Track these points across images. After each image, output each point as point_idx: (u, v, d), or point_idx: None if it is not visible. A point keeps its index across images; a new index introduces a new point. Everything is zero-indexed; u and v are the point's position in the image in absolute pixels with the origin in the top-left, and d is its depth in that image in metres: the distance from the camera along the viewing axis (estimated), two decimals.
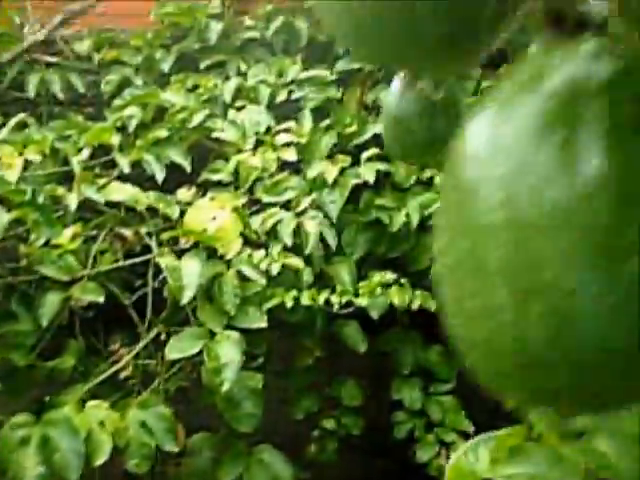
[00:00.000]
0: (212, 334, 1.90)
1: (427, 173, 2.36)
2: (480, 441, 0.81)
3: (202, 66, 2.49)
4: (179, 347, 1.86)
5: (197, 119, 2.25)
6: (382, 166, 2.32)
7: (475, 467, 0.71)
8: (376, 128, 2.36)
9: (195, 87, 2.41)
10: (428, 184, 2.36)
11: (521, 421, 0.76)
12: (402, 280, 2.24)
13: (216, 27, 2.52)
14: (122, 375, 1.90)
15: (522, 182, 0.25)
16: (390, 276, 2.22)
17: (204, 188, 2.23)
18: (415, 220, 2.27)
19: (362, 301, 2.14)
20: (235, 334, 1.89)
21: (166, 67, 2.50)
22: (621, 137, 0.24)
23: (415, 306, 2.19)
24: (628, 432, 0.65)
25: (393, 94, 0.68)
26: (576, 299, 0.23)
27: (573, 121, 0.25)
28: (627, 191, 0.23)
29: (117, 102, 2.38)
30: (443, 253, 0.28)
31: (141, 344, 1.95)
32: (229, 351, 1.83)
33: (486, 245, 0.25)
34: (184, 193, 2.16)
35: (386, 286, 2.21)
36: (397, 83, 0.68)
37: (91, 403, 1.74)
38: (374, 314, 2.18)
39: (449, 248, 0.27)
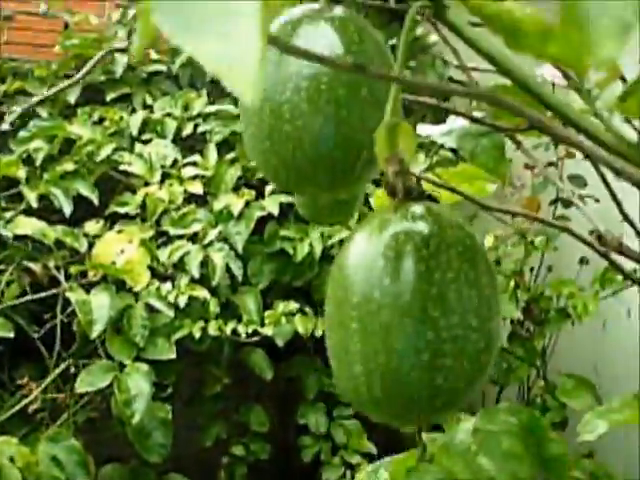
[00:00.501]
0: (122, 366, 1.93)
1: None
2: (380, 465, 0.89)
3: (108, 98, 2.52)
4: (89, 380, 1.89)
5: (104, 152, 2.28)
6: (285, 198, 2.41)
7: None
8: None
9: (101, 119, 2.43)
10: None
11: (416, 443, 0.85)
12: (306, 308, 2.33)
13: (122, 59, 2.55)
14: (31, 409, 1.90)
15: (365, 308, 0.42)
16: (294, 305, 2.30)
17: (112, 221, 2.25)
18: (318, 250, 2.36)
19: (268, 330, 2.21)
20: (144, 366, 1.92)
21: (72, 99, 2.51)
22: (418, 283, 0.41)
23: (319, 333, 2.28)
24: (505, 449, 0.75)
25: None
26: (396, 373, 0.41)
27: (392, 273, 0.42)
28: (422, 314, 0.41)
29: (22, 134, 2.38)
30: (329, 335, 0.46)
31: (50, 377, 1.96)
32: (139, 383, 1.87)
33: (349, 339, 0.43)
34: (92, 226, 2.18)
35: (291, 315, 2.29)
36: None
37: (0, 439, 1.74)
38: (279, 342, 2.26)
39: (330, 334, 0.46)
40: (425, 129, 0.73)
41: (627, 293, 2.11)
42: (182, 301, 2.08)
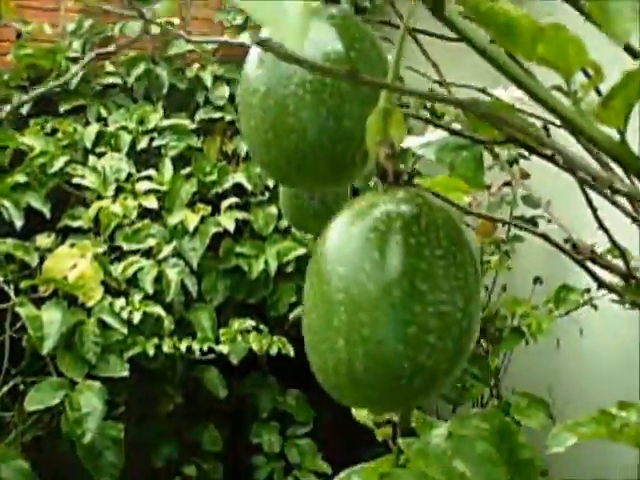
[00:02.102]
0: (73, 384, 1.88)
1: (285, 222, 2.45)
2: (351, 472, 0.88)
3: (62, 110, 2.47)
4: (39, 398, 1.83)
5: (57, 164, 2.23)
6: (241, 215, 2.39)
7: None
8: (236, 178, 2.43)
9: (54, 131, 2.38)
10: (286, 232, 2.44)
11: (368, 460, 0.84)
12: (261, 326, 2.30)
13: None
14: None
15: (353, 279, 0.42)
16: (249, 322, 2.27)
17: (63, 235, 2.20)
18: (273, 267, 2.35)
19: (223, 347, 2.18)
20: (96, 384, 1.87)
21: (24, 109, 2.46)
22: (408, 257, 0.42)
23: (274, 351, 2.26)
24: (479, 453, 0.74)
25: None
26: (381, 347, 0.41)
27: (383, 246, 0.42)
28: (410, 288, 0.41)
29: None
30: (308, 312, 0.45)
31: None
32: (91, 401, 1.82)
33: (333, 312, 0.43)
34: (43, 239, 2.13)
35: (246, 332, 2.26)
36: None
37: None
38: (234, 360, 2.22)
39: (312, 310, 0.45)
40: (405, 140, 0.73)
41: (580, 313, 2.14)
42: (136, 317, 2.04)
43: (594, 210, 0.58)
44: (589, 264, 0.67)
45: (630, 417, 0.89)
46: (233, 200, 2.40)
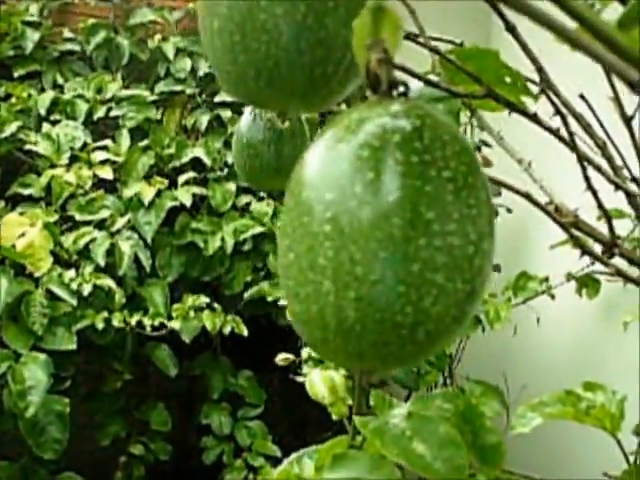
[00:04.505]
0: (17, 355, 1.81)
1: (243, 199, 2.40)
2: (304, 453, 0.84)
3: (16, 74, 2.38)
4: None
5: (9, 130, 2.15)
6: (199, 190, 2.34)
7: (300, 475, 0.74)
8: (195, 152, 2.38)
9: (8, 96, 2.30)
10: (244, 210, 2.40)
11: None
12: (215, 304, 2.26)
13: (33, 35, 2.42)
14: None
15: (343, 206, 0.34)
16: (203, 299, 2.22)
17: (13, 202, 2.13)
18: (230, 245, 2.30)
19: (175, 324, 2.13)
20: (42, 356, 1.81)
21: None
22: (410, 178, 0.34)
23: (227, 331, 2.21)
24: (441, 435, 0.71)
25: (244, 122, 0.72)
26: (377, 288, 0.34)
27: (378, 165, 0.34)
28: (413, 215, 0.34)
29: None
30: (285, 253, 0.37)
31: None
32: (35, 373, 1.76)
33: (317, 248, 0.35)
34: None
35: (199, 310, 2.21)
36: (248, 112, 0.72)
37: None
38: (186, 338, 2.17)
39: (290, 249, 0.37)
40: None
41: (538, 302, 2.13)
42: (86, 290, 1.97)
43: (584, 168, 0.55)
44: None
45: (597, 398, 0.86)
46: (191, 175, 2.35)
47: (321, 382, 0.85)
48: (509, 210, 2.25)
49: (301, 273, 0.36)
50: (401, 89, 0.37)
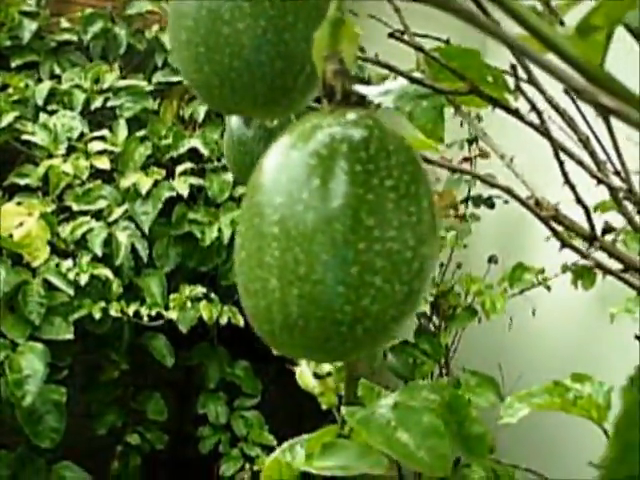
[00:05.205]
0: (14, 345, 1.82)
1: (240, 190, 2.41)
2: (295, 442, 0.85)
3: (13, 65, 2.38)
4: None
5: (6, 120, 2.15)
6: (196, 181, 2.34)
7: (291, 462, 0.75)
8: (192, 142, 2.38)
9: (5, 86, 2.30)
10: (241, 201, 2.39)
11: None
12: (212, 295, 2.26)
13: (30, 25, 2.42)
14: None
15: (291, 209, 0.37)
16: (200, 290, 2.23)
17: (10, 192, 2.13)
18: (227, 235, 2.30)
19: (172, 314, 2.14)
20: (39, 345, 1.82)
21: None
22: (353, 186, 0.37)
23: (223, 321, 2.22)
24: (425, 425, 0.72)
25: (234, 119, 0.73)
26: (319, 287, 0.36)
27: (325, 173, 0.37)
28: (354, 221, 0.36)
29: None
30: (239, 251, 0.40)
31: None
32: (33, 363, 1.76)
33: (266, 248, 0.38)
34: None
35: (196, 300, 2.22)
36: None
37: None
38: (183, 328, 2.18)
39: (243, 247, 0.40)
40: (362, 89, 0.70)
41: (534, 292, 2.14)
42: (83, 279, 1.98)
43: (561, 163, 0.55)
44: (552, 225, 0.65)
45: (584, 389, 0.87)
46: (188, 165, 2.35)
47: (311, 373, 0.86)
48: (506, 202, 2.26)
49: (251, 270, 0.39)
50: (354, 99, 0.39)
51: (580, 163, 0.56)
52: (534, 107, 0.57)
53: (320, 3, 0.43)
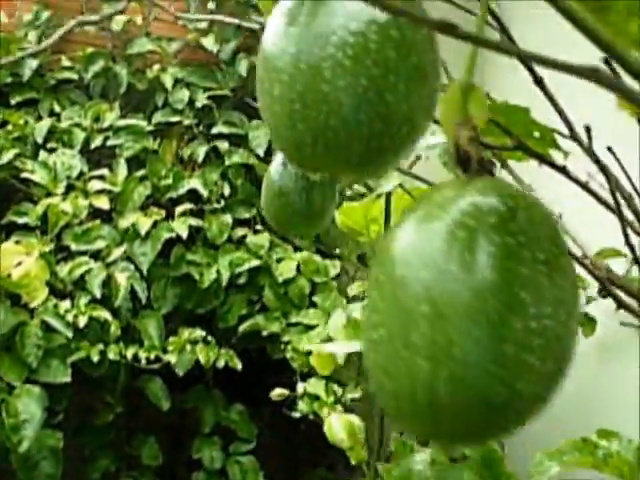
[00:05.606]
0: (11, 388, 1.78)
1: (239, 232, 2.39)
2: None
3: (13, 102, 2.37)
4: None
5: (5, 157, 2.13)
6: (195, 222, 2.33)
7: None
8: (191, 183, 2.37)
9: (4, 123, 2.28)
10: (240, 243, 2.39)
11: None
12: (209, 337, 2.24)
13: (31, 63, 2.42)
14: None
15: (439, 286, 0.34)
16: (199, 333, 2.21)
17: (8, 231, 2.10)
18: (225, 277, 2.29)
19: (171, 357, 2.11)
20: (36, 389, 1.78)
21: None
22: (505, 260, 0.34)
23: (220, 364, 2.19)
24: None
25: (275, 169, 0.72)
26: (472, 368, 0.34)
27: (476, 245, 0.34)
28: (509, 297, 0.34)
29: None
30: (375, 328, 0.37)
31: None
32: (29, 407, 1.72)
33: (412, 326, 0.35)
34: None
35: (193, 343, 2.19)
36: (279, 159, 0.72)
37: None
38: (180, 371, 2.15)
39: (381, 325, 0.37)
40: None
41: None
42: (82, 321, 1.95)
43: (624, 227, 0.54)
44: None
45: (611, 446, 0.86)
46: (187, 206, 2.34)
47: (340, 426, 0.84)
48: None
49: (393, 349, 0.36)
50: (489, 167, 0.37)
51: (630, 226, 0.55)
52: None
53: (421, 64, 0.41)
